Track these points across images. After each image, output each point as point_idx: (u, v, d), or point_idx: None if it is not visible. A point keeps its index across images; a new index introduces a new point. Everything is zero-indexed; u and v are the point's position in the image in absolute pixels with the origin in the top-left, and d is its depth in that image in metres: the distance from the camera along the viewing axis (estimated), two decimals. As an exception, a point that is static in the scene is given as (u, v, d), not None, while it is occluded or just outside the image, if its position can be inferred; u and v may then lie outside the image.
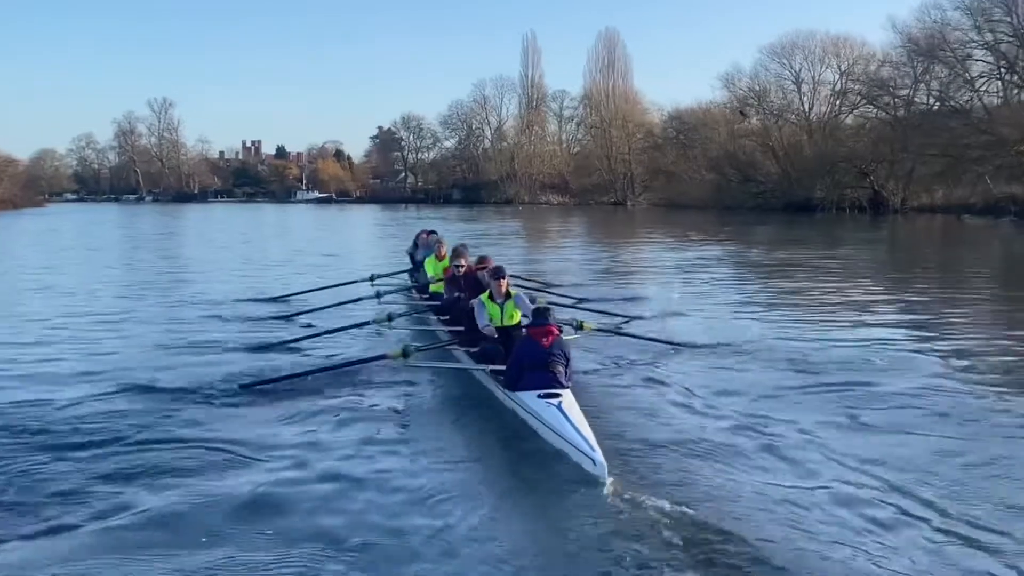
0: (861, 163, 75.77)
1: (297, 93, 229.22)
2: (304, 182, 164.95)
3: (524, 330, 10.40)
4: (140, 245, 46.98)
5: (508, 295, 11.75)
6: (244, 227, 68.26)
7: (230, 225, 71.29)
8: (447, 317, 14.31)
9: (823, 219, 66.97)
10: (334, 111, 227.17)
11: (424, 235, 21.17)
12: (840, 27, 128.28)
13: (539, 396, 9.49)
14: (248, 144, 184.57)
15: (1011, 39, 66.22)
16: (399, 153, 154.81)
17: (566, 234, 54.15)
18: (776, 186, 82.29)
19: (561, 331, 10.20)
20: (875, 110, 79.23)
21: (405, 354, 11.76)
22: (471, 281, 13.89)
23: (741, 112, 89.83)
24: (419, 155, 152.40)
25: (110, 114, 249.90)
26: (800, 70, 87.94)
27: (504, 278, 11.76)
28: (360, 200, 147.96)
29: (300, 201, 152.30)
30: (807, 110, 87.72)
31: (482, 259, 14.19)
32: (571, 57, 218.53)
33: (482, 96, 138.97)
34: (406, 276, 21.28)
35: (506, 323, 11.59)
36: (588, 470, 8.16)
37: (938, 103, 73.57)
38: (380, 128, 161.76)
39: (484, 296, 11.82)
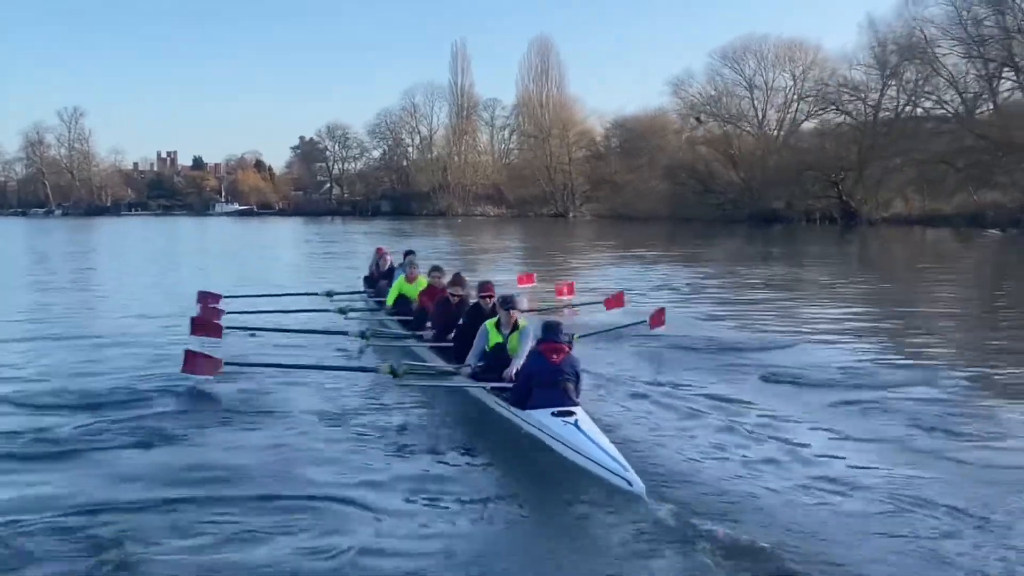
0: (829, 172, 71.58)
1: (214, 102, 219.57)
2: (223, 194, 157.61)
3: (535, 346, 10.01)
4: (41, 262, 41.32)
5: (516, 327, 11.26)
6: (159, 242, 62.16)
7: (143, 240, 65.08)
8: (427, 336, 13.96)
9: (783, 231, 63.40)
10: (254, 120, 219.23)
11: (383, 252, 20.83)
12: (795, 31, 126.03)
13: (553, 414, 9.32)
14: (164, 155, 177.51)
15: (1001, 37, 62.03)
16: (324, 164, 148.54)
17: (504, 249, 49.70)
18: (738, 196, 77.93)
19: (571, 347, 9.89)
20: (841, 115, 75.04)
21: (394, 372, 11.41)
22: (472, 309, 12.77)
23: (697, 119, 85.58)
24: (345, 165, 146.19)
25: (16, 125, 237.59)
26: (753, 75, 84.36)
27: (515, 309, 11.28)
28: (283, 212, 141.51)
29: (219, 214, 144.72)
30: (760, 117, 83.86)
31: (485, 285, 12.86)
32: (503, 66, 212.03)
33: (412, 104, 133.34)
34: (364, 295, 20.34)
35: (510, 354, 11.05)
36: (622, 489, 7.96)
37: (911, 107, 69.54)
38: (302, 138, 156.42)
39: (491, 323, 11.36)
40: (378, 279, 19.81)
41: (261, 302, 19.52)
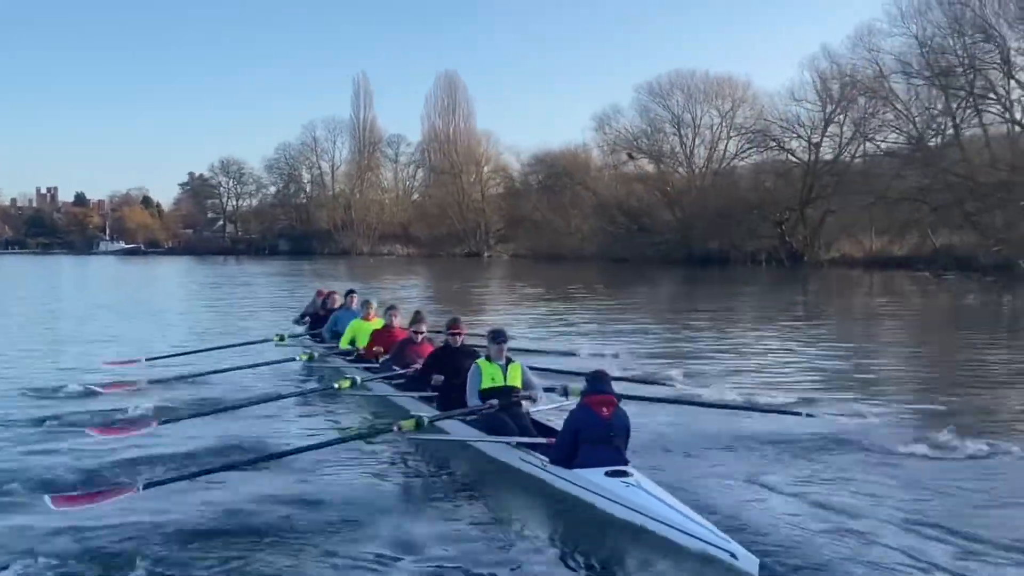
0: (772, 212, 68.46)
1: (97, 136, 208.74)
2: (108, 232, 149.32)
3: (581, 398, 9.09)
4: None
5: (509, 361, 10.83)
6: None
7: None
8: (400, 382, 13.25)
9: (721, 273, 59.77)
10: (140, 155, 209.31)
11: (327, 294, 20.32)
12: (724, 69, 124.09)
13: (607, 474, 8.46)
14: (43, 191, 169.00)
15: (964, 69, 59.61)
16: (217, 200, 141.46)
17: (406, 294, 43.22)
18: (675, 236, 74.38)
19: (620, 400, 9.02)
20: (783, 153, 72.13)
21: (419, 425, 10.16)
22: (441, 349, 12.34)
23: (629, 155, 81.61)
24: (240, 202, 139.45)
25: None
26: (682, 112, 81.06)
27: (505, 343, 10.83)
28: (172, 251, 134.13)
29: (104, 252, 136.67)
30: (688, 154, 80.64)
31: (454, 322, 12.33)
32: (407, 102, 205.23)
33: (312, 138, 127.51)
34: (308, 338, 19.41)
35: (509, 383, 10.62)
36: (720, 561, 7.06)
37: (859, 144, 67.03)
38: (192, 174, 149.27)
39: (481, 361, 10.80)
40: (323, 320, 18.88)
41: (196, 361, 17.28)
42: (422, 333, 13.59)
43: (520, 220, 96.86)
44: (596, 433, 8.72)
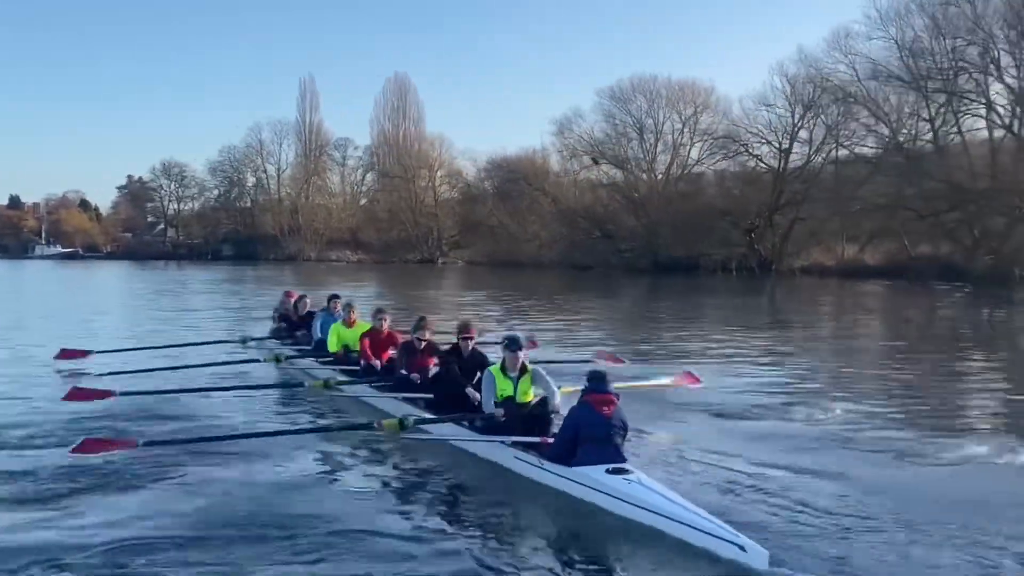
0: (741, 219, 66.91)
1: (30, 136, 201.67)
2: (44, 235, 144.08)
3: (581, 396, 9.05)
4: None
5: (524, 370, 10.39)
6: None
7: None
8: (388, 385, 13.06)
9: (688, 282, 58.08)
10: (76, 157, 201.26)
11: (298, 296, 20.04)
12: (686, 73, 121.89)
13: (608, 471, 8.56)
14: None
15: (947, 72, 58.36)
16: (158, 203, 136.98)
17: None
18: (642, 244, 72.32)
19: (619, 398, 9.04)
20: (752, 159, 70.63)
21: (403, 425, 10.21)
22: (450, 352, 11.89)
23: (594, 160, 79.69)
24: (181, 206, 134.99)
25: None
26: (644, 116, 79.34)
27: (521, 350, 10.34)
28: (112, 256, 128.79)
29: (40, 257, 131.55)
30: (650, 160, 78.90)
31: (465, 326, 11.92)
32: (355, 106, 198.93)
33: (258, 141, 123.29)
34: (276, 342, 19.05)
35: (519, 399, 10.32)
36: (726, 556, 7.13)
37: (834, 150, 65.64)
38: (131, 177, 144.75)
39: (495, 368, 10.48)
40: (298, 325, 18.83)
41: (156, 362, 16.93)
42: (425, 340, 13.02)
43: (475, 226, 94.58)
44: (597, 432, 8.75)
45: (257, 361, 16.69)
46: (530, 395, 10.43)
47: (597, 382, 8.99)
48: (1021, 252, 52.77)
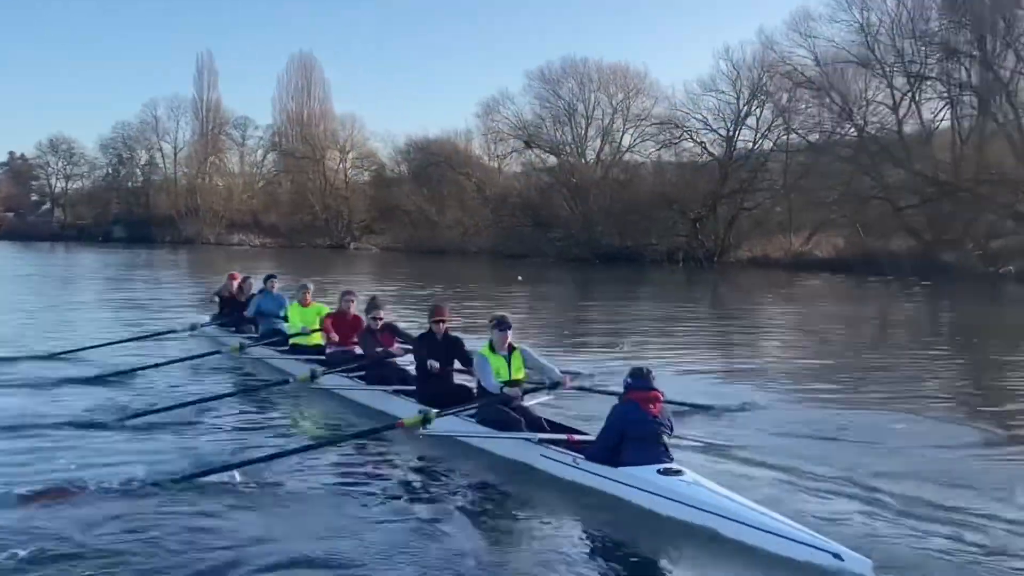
0: (686, 208, 63.50)
1: None
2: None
3: (624, 393, 8.81)
4: None
5: (512, 348, 10.47)
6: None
7: None
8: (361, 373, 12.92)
9: (628, 272, 54.56)
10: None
11: (242, 278, 19.23)
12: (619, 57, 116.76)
13: (660, 472, 8.22)
14: None
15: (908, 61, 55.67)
16: (44, 182, 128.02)
17: None
18: (578, 232, 68.46)
19: (663, 396, 8.77)
20: (698, 147, 67.37)
21: (426, 420, 9.66)
22: (424, 336, 11.69)
23: (526, 143, 75.23)
24: (70, 184, 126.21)
25: None
26: (574, 100, 75.55)
27: (509, 329, 10.41)
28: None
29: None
30: (580, 144, 75.00)
31: (438, 309, 11.78)
32: (256, 84, 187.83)
33: (153, 118, 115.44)
34: (219, 327, 18.42)
35: (514, 376, 10.35)
36: (822, 565, 6.71)
37: (783, 136, 62.73)
38: (12, 154, 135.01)
39: (484, 349, 10.49)
40: (244, 306, 17.98)
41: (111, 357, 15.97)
42: (381, 319, 12.96)
43: (390, 211, 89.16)
44: (644, 430, 8.49)
45: (218, 353, 15.83)
46: (522, 372, 10.42)
47: (642, 379, 8.72)
48: (988, 246, 50.62)
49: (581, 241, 67.18)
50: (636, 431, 8.46)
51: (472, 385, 11.07)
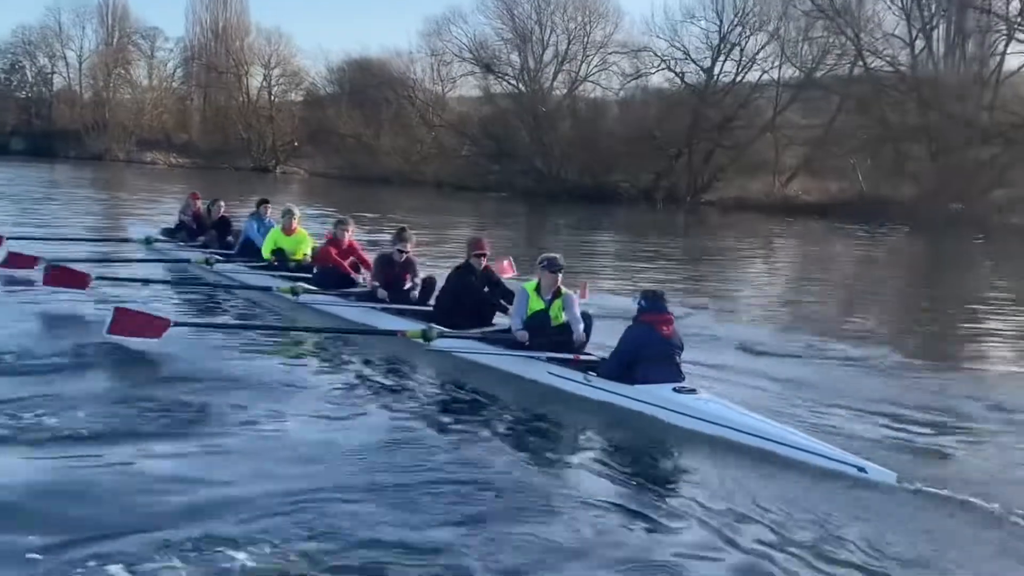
0: (664, 144, 58.72)
1: None
2: None
3: (637, 316, 8.97)
4: None
5: (558, 294, 10.11)
6: None
7: None
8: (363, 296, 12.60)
9: (591, 212, 49.67)
10: None
11: (199, 198, 18.67)
12: None
13: (675, 390, 8.50)
14: None
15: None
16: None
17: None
18: (544, 167, 62.91)
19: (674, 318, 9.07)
20: (677, 78, 62.47)
21: (426, 337, 9.97)
22: (462, 268, 11.48)
23: (486, 66, 69.09)
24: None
25: None
26: (530, 23, 69.19)
27: (560, 271, 10.10)
28: None
29: None
30: (538, 74, 68.94)
31: (477, 242, 11.69)
32: None
33: (56, 23, 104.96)
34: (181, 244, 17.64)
35: (553, 323, 10.05)
36: (840, 475, 7.01)
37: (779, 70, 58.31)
38: None
39: (529, 286, 10.22)
40: (210, 229, 17.49)
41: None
42: (406, 253, 12.53)
43: (322, 134, 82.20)
44: (657, 351, 8.70)
45: (186, 262, 15.94)
46: (561, 319, 10.09)
47: (654, 301, 8.93)
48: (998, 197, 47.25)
49: (546, 177, 61.68)
50: (650, 352, 8.67)
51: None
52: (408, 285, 12.38)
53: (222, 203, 18.33)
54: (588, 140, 60.69)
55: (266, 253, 14.85)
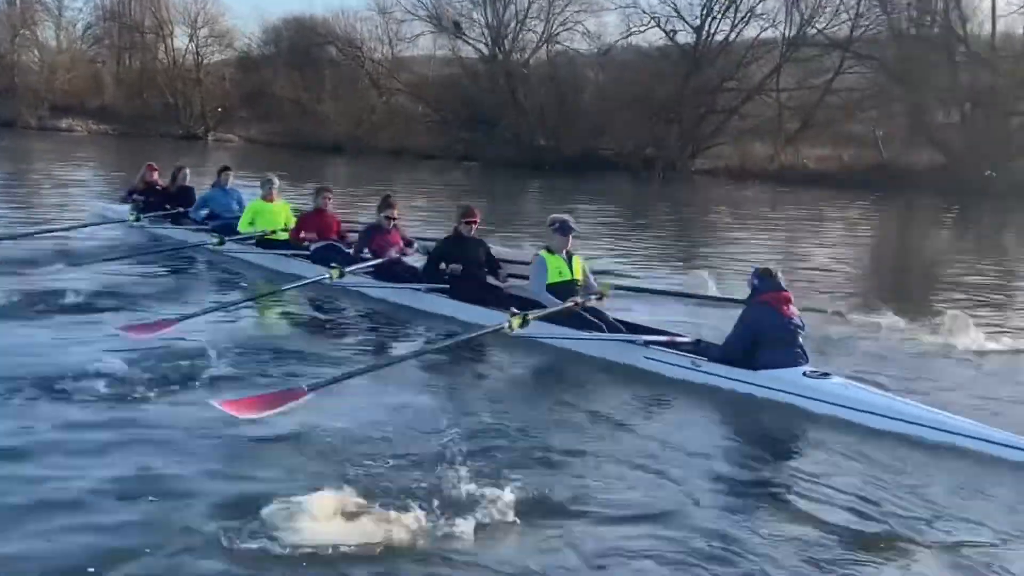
0: (658, 110, 53.28)
1: None
2: None
3: (752, 296, 8.49)
4: None
5: (570, 255, 10.21)
6: None
7: None
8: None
9: (573, 182, 44.44)
10: None
11: (157, 170, 17.74)
12: None
13: (806, 375, 7.93)
14: None
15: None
16: None
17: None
18: (524, 135, 56.84)
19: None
20: (667, 37, 56.85)
21: (525, 322, 9.00)
22: (452, 237, 11.59)
23: (455, 24, 62.52)
24: None
25: None
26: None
27: (572, 233, 10.17)
28: None
29: None
30: (497, 29, 62.78)
31: (470, 210, 11.61)
32: None
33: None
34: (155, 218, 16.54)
35: (574, 276, 10.13)
36: (1009, 462, 6.51)
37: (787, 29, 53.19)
38: None
39: (544, 252, 10.14)
40: (174, 197, 16.70)
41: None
42: (393, 219, 12.46)
43: (259, 98, 74.61)
44: (781, 333, 8.18)
45: (196, 246, 14.74)
46: (581, 275, 10.13)
47: (770, 279, 8.42)
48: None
49: (524, 145, 55.63)
50: (773, 334, 8.15)
51: (504, 287, 11.20)
52: (397, 253, 12.19)
53: (187, 170, 17.41)
54: (571, 105, 55.05)
55: (243, 226, 14.30)
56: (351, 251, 12.66)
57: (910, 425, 7.03)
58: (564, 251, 10.04)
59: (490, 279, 11.47)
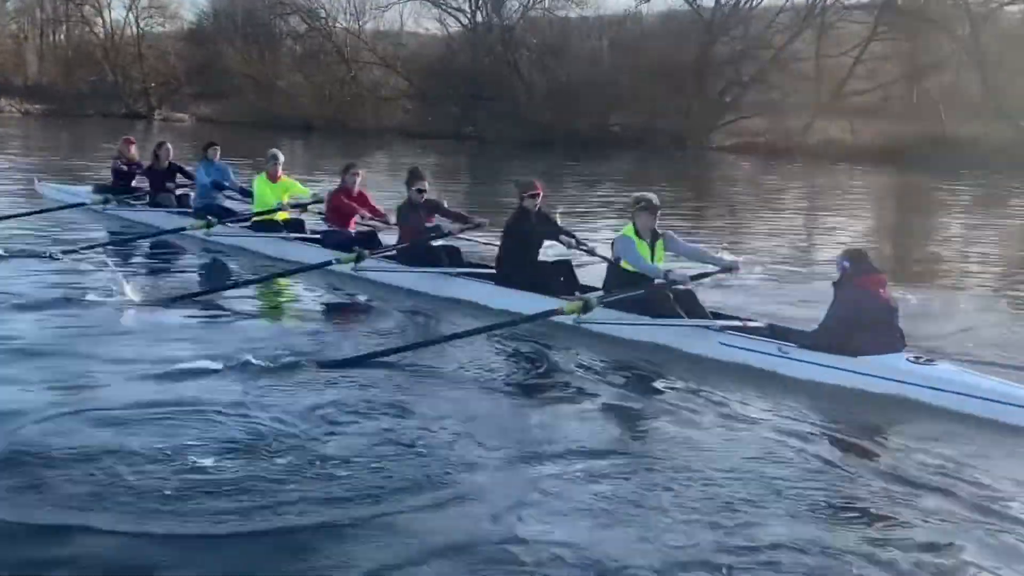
0: (674, 82, 47.78)
1: None
2: None
3: (845, 278, 7.48)
4: None
5: (656, 235, 8.87)
6: None
7: None
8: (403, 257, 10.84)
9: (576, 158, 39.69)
10: None
11: (134, 143, 17.09)
12: None
13: (911, 360, 7.08)
14: None
15: None
16: None
17: None
18: (527, 112, 50.76)
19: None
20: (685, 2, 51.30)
21: (587, 307, 8.08)
22: (518, 213, 10.09)
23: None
24: None
25: None
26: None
27: (658, 211, 8.86)
28: None
29: None
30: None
31: (531, 183, 10.14)
32: None
33: None
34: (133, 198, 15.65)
35: (656, 260, 8.89)
36: None
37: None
38: None
39: (629, 230, 8.79)
40: (162, 177, 15.43)
41: None
42: (425, 192, 10.91)
43: (211, 73, 67.39)
44: (881, 316, 7.39)
45: (183, 230, 13.14)
46: (663, 262, 8.93)
47: (865, 261, 7.56)
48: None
49: (523, 120, 49.85)
50: (871, 318, 7.38)
51: (575, 263, 10.15)
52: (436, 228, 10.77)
53: (169, 145, 16.10)
54: (572, 79, 49.39)
55: (258, 205, 13.16)
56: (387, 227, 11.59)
57: None
58: (649, 232, 8.80)
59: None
